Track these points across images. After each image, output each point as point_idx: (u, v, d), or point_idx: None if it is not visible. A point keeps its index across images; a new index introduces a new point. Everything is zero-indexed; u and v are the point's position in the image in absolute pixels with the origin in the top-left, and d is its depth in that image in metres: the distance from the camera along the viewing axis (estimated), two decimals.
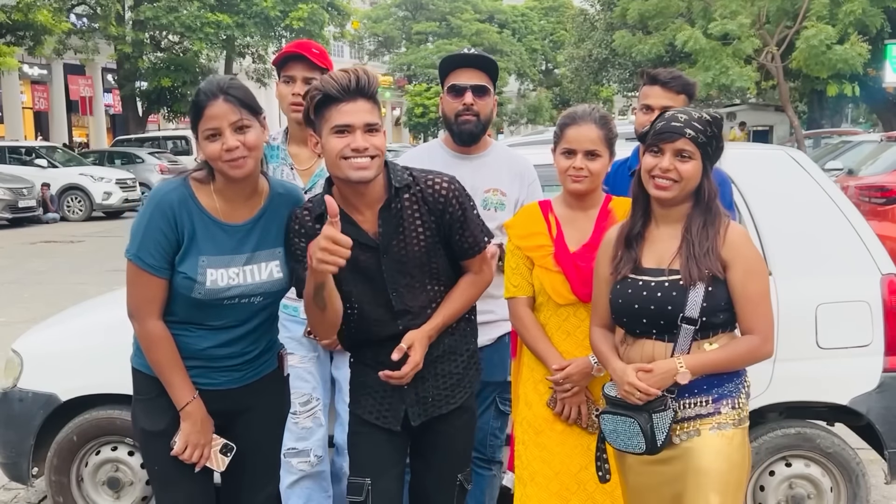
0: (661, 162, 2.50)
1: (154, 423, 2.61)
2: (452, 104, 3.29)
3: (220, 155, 2.44)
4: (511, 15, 52.28)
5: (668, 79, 3.39)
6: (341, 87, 2.42)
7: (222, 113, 2.43)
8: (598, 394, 2.85)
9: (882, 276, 3.58)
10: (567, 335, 2.90)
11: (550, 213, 2.96)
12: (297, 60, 3.31)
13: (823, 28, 19.60)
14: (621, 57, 29.05)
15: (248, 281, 2.54)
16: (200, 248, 2.50)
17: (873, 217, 8.42)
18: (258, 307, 2.60)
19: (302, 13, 29.13)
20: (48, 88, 30.82)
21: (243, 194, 2.56)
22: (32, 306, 9.22)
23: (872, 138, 14.87)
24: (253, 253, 2.56)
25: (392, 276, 2.57)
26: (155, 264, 2.48)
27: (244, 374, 2.66)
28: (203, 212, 2.52)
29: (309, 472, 3.35)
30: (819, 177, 3.73)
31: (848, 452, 3.64)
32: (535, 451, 2.96)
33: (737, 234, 2.53)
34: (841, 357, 3.57)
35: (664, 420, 2.47)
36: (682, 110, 2.58)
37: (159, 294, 2.51)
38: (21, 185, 19.18)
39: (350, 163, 2.42)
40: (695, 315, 2.46)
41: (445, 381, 2.71)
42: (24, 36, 22.58)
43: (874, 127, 30.73)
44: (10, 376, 3.92)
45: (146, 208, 2.53)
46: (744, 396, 2.57)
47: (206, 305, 2.53)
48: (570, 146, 2.84)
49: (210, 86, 2.48)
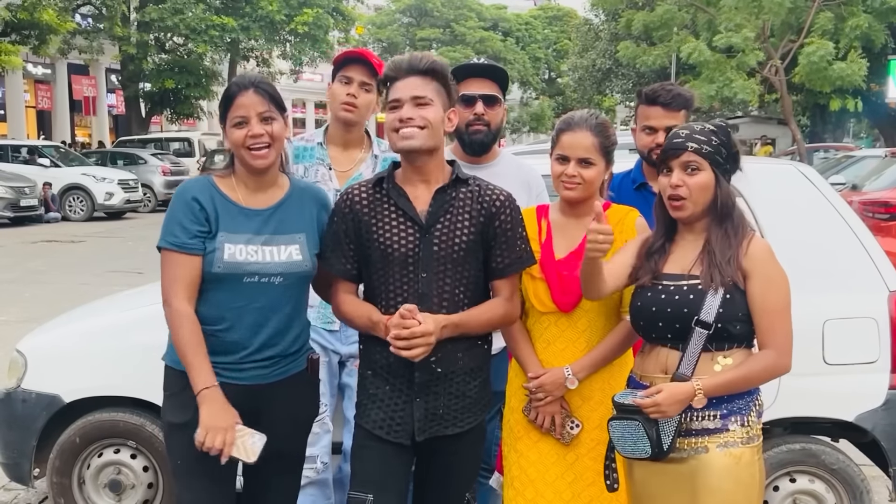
0: (672, 179, 2.51)
1: (177, 415, 2.65)
2: (463, 114, 3.28)
3: (244, 141, 2.59)
4: (515, 23, 52.39)
5: (669, 99, 3.32)
6: (396, 67, 2.60)
7: (251, 103, 2.59)
8: (575, 405, 2.84)
9: (889, 293, 3.57)
10: (547, 344, 2.87)
11: (544, 219, 2.93)
12: (359, 63, 3.34)
13: (824, 44, 19.65)
14: (625, 67, 29.15)
15: (266, 259, 2.62)
16: (221, 226, 2.61)
17: (877, 232, 8.37)
18: (280, 289, 2.64)
19: (307, 17, 29.18)
20: (52, 88, 30.88)
21: (263, 185, 2.69)
22: (33, 306, 9.22)
23: (876, 153, 14.89)
24: (272, 235, 2.65)
25: (427, 259, 2.58)
26: (178, 241, 2.58)
27: (271, 371, 2.68)
28: (224, 196, 2.65)
29: (314, 479, 3.35)
30: (828, 192, 3.72)
31: (852, 469, 3.63)
32: (513, 457, 2.95)
33: (759, 247, 2.52)
34: (847, 373, 3.56)
35: (669, 425, 2.45)
36: (683, 126, 2.60)
37: (186, 273, 2.58)
38: (23, 183, 19.18)
39: (399, 134, 2.54)
40: (709, 319, 2.44)
41: (459, 402, 2.66)
42: (28, 35, 22.59)
43: (876, 142, 30.78)
44: (14, 377, 3.91)
45: (171, 202, 2.67)
46: (754, 415, 2.53)
47: (228, 282, 2.60)
48: (563, 152, 2.81)
49: (242, 79, 2.67)
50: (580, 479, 2.84)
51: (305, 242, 2.69)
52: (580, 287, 2.69)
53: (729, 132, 2.57)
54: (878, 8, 20.40)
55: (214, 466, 2.56)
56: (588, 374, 2.80)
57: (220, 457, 2.52)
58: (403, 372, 2.60)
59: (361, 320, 2.65)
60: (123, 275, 11.27)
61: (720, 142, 2.51)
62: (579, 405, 2.85)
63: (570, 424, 2.84)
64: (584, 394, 2.84)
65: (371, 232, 2.60)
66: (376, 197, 2.62)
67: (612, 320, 2.83)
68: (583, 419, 2.84)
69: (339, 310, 2.72)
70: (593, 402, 2.84)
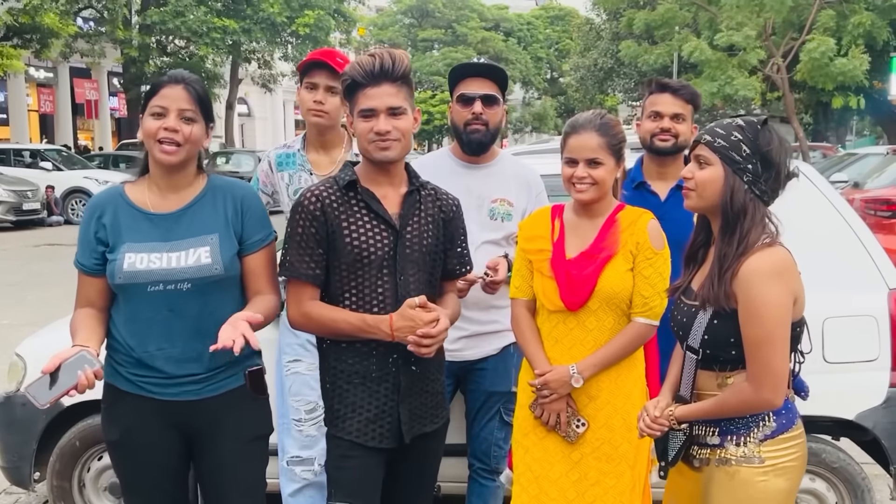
0: (684, 171, 2.43)
1: (109, 433, 2.65)
2: (462, 113, 3.29)
3: (156, 133, 2.49)
4: (517, 23, 52.38)
5: (679, 87, 3.39)
6: (365, 73, 2.53)
7: (176, 97, 2.51)
8: (581, 403, 2.84)
9: (889, 291, 3.56)
10: (556, 342, 2.88)
11: (558, 218, 2.93)
12: (321, 68, 3.33)
13: (825, 41, 19.62)
14: (626, 67, 29.12)
15: (171, 266, 2.50)
16: (124, 237, 2.54)
17: (879, 230, 8.40)
18: (189, 296, 2.51)
19: (308, 19, 29.21)
20: (54, 91, 30.91)
21: (174, 186, 2.59)
22: (35, 309, 9.22)
23: (878, 151, 14.86)
24: (180, 240, 2.54)
25: (402, 260, 2.59)
26: (79, 262, 2.60)
27: (202, 387, 2.56)
28: (130, 205, 2.58)
29: (312, 481, 3.34)
30: (827, 190, 3.71)
31: (854, 467, 3.62)
32: (520, 453, 2.97)
33: (750, 269, 2.28)
34: (847, 372, 3.56)
35: (676, 440, 2.45)
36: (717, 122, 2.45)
37: (89, 291, 2.60)
38: (25, 187, 19.22)
39: (376, 145, 2.54)
40: (695, 345, 2.38)
41: (433, 399, 2.71)
42: (30, 39, 22.63)
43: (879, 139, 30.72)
44: (14, 380, 3.91)
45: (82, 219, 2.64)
46: (756, 436, 2.37)
47: (132, 293, 2.51)
48: (571, 155, 2.81)
49: (175, 73, 2.59)
50: (585, 479, 2.85)
51: (218, 243, 2.55)
52: (589, 287, 2.72)
53: (758, 130, 2.34)
54: (880, 5, 20.37)
55: (156, 479, 2.60)
56: (593, 373, 2.81)
57: (167, 471, 2.61)
58: (385, 378, 2.60)
59: (344, 325, 2.54)
60: None
61: (743, 139, 2.32)
62: (586, 404, 2.85)
63: (576, 423, 2.84)
64: (591, 393, 2.84)
65: (344, 235, 2.55)
66: (346, 199, 2.58)
67: (621, 321, 2.82)
68: (588, 418, 2.85)
69: (309, 316, 2.58)
70: (599, 402, 2.85)
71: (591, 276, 2.78)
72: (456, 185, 3.12)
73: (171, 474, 2.64)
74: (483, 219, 3.28)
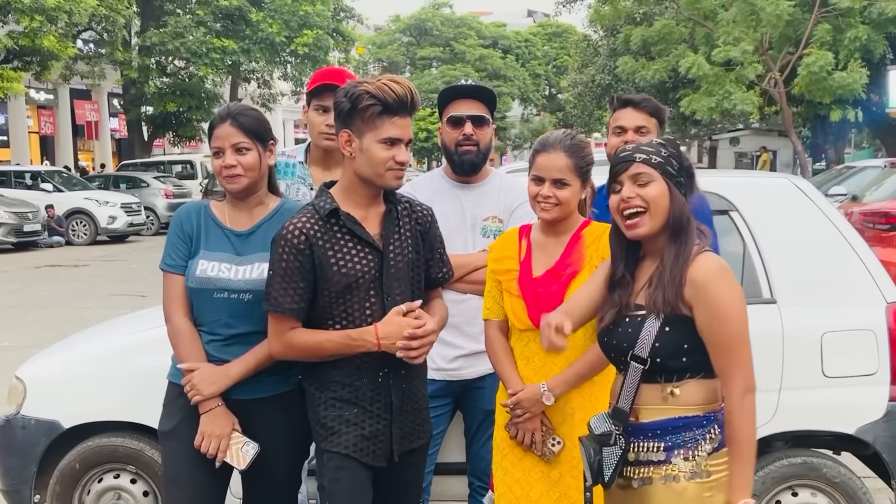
0: (622, 193, 2.38)
1: (164, 423, 2.86)
2: (452, 134, 3.32)
3: (220, 170, 2.79)
4: (515, 40, 52.58)
5: (640, 100, 3.40)
6: (400, 101, 2.54)
7: (226, 134, 2.76)
8: (556, 422, 2.85)
9: (887, 305, 3.56)
10: (527, 361, 2.89)
11: (525, 238, 2.96)
12: (332, 91, 3.31)
13: (823, 54, 19.71)
14: (624, 83, 29.11)
15: (237, 277, 2.75)
16: (202, 245, 2.81)
17: (877, 243, 8.41)
18: (249, 306, 2.74)
19: (307, 39, 29.29)
20: (54, 113, 31.02)
21: (245, 206, 2.85)
22: (36, 331, 9.23)
23: (876, 164, 14.89)
24: (249, 255, 2.78)
25: (389, 280, 2.62)
26: (172, 263, 2.81)
27: (256, 387, 2.75)
28: (210, 217, 2.85)
29: None
30: (823, 205, 3.73)
31: (855, 482, 3.61)
32: (499, 474, 2.97)
33: (701, 271, 2.30)
34: (847, 386, 3.55)
35: (611, 456, 2.38)
36: (630, 145, 2.49)
37: (181, 291, 2.80)
38: (26, 209, 19.24)
39: (394, 173, 2.59)
40: (643, 354, 2.34)
41: (420, 415, 2.75)
42: (30, 61, 22.69)
43: (878, 152, 30.77)
44: (14, 403, 3.90)
45: (169, 226, 2.90)
46: (705, 449, 2.35)
47: (202, 296, 2.76)
48: (538, 173, 2.83)
49: (222, 111, 2.85)
50: (565, 497, 2.85)
51: None
52: (556, 303, 2.70)
53: (678, 146, 2.46)
54: (875, 19, 20.45)
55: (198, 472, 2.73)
56: (563, 390, 2.82)
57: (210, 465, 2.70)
58: (377, 397, 2.62)
59: (328, 344, 2.57)
60: (127, 298, 11.29)
61: (670, 153, 2.39)
62: (560, 422, 2.86)
63: (552, 441, 2.85)
64: (566, 411, 2.86)
65: (331, 264, 2.57)
66: (328, 228, 2.59)
67: (591, 337, 2.80)
68: (564, 437, 2.85)
69: (292, 344, 2.60)
70: (575, 420, 2.84)
71: (558, 292, 2.80)
72: (451, 205, 3.13)
73: (212, 466, 2.75)
74: (477, 237, 3.30)
